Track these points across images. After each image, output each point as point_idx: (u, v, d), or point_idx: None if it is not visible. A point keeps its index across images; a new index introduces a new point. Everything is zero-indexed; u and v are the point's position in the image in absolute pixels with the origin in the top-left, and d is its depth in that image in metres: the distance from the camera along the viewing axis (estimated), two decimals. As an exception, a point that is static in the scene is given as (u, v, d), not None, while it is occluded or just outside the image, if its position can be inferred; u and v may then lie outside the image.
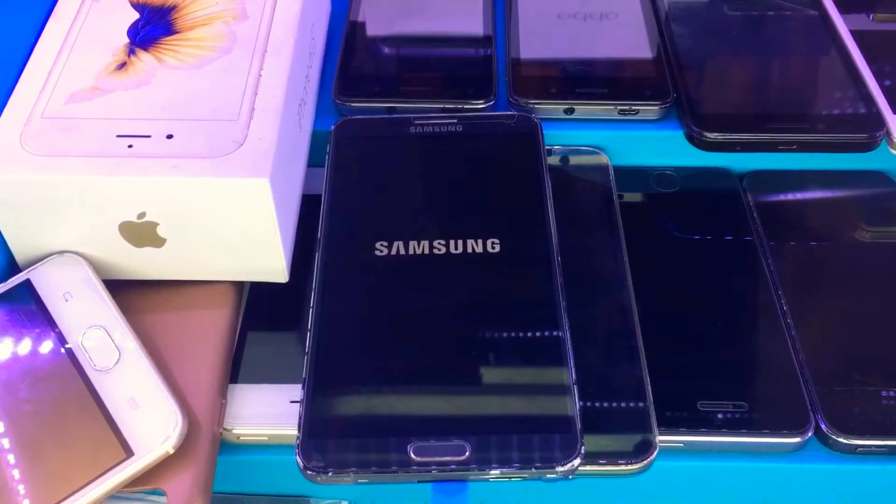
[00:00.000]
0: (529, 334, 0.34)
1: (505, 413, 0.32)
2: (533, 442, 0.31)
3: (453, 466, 0.31)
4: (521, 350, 0.34)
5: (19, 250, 0.35)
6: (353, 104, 0.44)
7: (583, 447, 0.31)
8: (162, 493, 0.31)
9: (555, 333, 0.34)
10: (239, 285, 0.38)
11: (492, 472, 0.31)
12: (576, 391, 0.32)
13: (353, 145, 0.41)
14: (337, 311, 0.35)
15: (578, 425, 0.31)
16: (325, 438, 0.31)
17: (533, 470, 0.31)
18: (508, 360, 0.33)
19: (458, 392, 0.33)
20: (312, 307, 0.35)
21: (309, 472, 0.31)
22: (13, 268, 0.36)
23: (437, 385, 0.33)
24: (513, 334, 0.34)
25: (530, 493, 0.37)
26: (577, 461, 0.31)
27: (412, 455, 0.31)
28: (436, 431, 0.31)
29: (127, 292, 0.37)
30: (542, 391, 0.33)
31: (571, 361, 0.33)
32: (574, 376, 0.33)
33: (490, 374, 0.33)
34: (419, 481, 0.31)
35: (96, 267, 0.36)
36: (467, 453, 0.31)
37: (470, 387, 0.33)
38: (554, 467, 0.31)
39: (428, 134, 0.41)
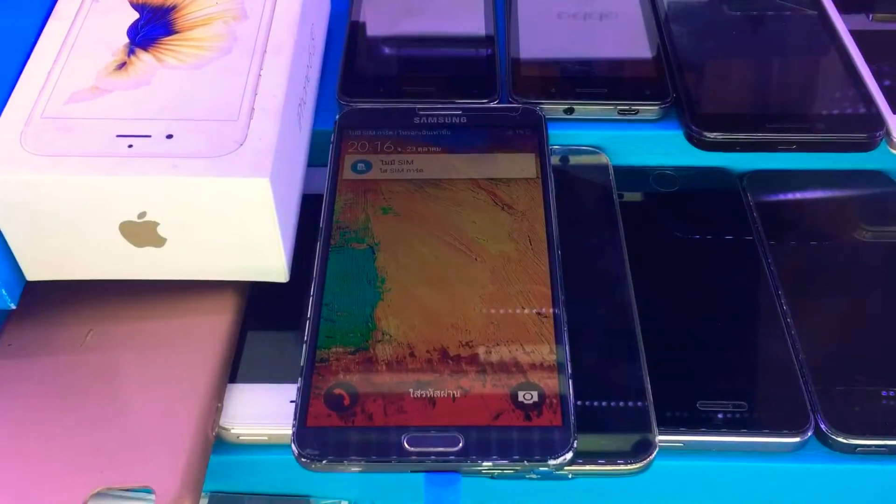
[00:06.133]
0: (525, 328, 0.34)
1: (499, 405, 0.32)
2: (526, 435, 0.31)
3: (446, 457, 0.31)
4: (517, 343, 0.34)
5: (20, 250, 0.35)
6: (356, 104, 0.44)
7: (576, 441, 0.31)
8: (151, 492, 0.31)
9: (552, 327, 0.34)
10: (241, 290, 0.38)
11: (484, 463, 0.31)
12: (571, 385, 0.32)
13: (357, 135, 0.41)
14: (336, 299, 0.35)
15: (572, 419, 0.32)
16: (319, 426, 0.32)
17: (525, 463, 0.31)
18: (504, 353, 0.34)
19: (453, 384, 0.33)
20: (312, 295, 0.35)
21: (303, 459, 0.31)
22: (13, 267, 0.36)
23: (432, 376, 0.33)
24: (510, 326, 0.34)
25: (530, 493, 0.37)
26: (569, 455, 0.31)
27: (406, 445, 0.31)
28: (430, 422, 0.31)
29: (127, 292, 0.37)
30: (536, 385, 0.33)
31: (567, 355, 0.33)
32: (570, 370, 0.33)
33: (486, 367, 0.33)
34: (412, 471, 0.31)
35: (97, 267, 0.36)
36: (461, 444, 0.31)
37: (464, 379, 0.33)
38: (546, 460, 0.31)
39: (431, 125, 0.41)
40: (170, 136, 0.34)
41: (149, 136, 0.34)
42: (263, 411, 0.35)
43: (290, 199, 0.37)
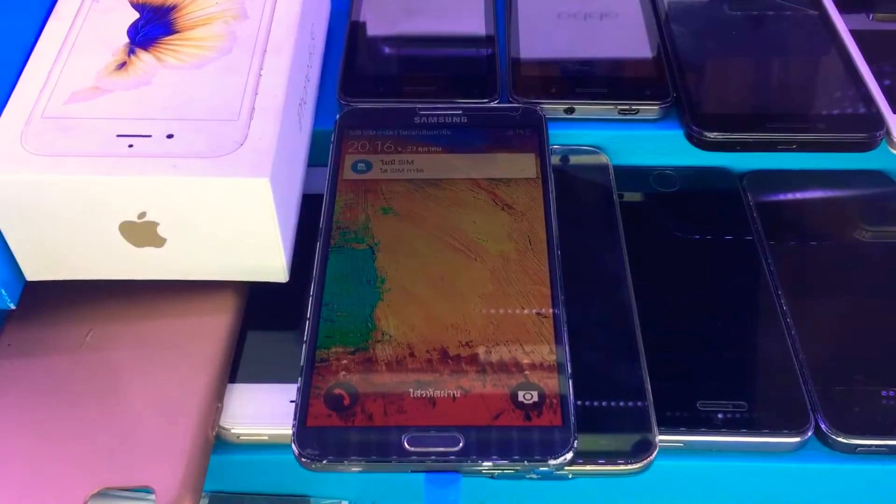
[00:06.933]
0: (525, 328, 0.34)
1: (499, 405, 0.32)
2: (526, 435, 0.31)
3: (446, 457, 0.31)
4: (517, 343, 0.34)
5: (20, 250, 0.35)
6: (356, 104, 0.44)
7: (576, 441, 0.31)
8: (151, 492, 0.31)
9: (552, 327, 0.34)
10: (241, 290, 0.38)
11: (484, 463, 0.31)
12: (571, 385, 0.32)
13: (357, 135, 0.41)
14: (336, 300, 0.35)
15: (572, 419, 0.32)
16: (319, 426, 0.32)
17: (526, 463, 0.31)
18: (504, 353, 0.34)
19: (453, 384, 0.33)
20: (312, 295, 0.35)
21: (303, 459, 0.31)
22: (13, 267, 0.36)
23: (432, 376, 0.33)
24: (510, 326, 0.34)
25: (530, 493, 0.37)
26: (569, 455, 0.31)
27: (406, 445, 0.31)
28: (430, 422, 0.32)
29: (127, 293, 0.37)
30: (536, 385, 0.33)
31: (567, 355, 0.33)
32: (570, 370, 0.33)
33: (486, 367, 0.33)
34: (412, 471, 0.31)
35: (97, 267, 0.36)
36: (461, 444, 0.31)
37: (464, 379, 0.33)
38: (546, 460, 0.31)
39: (431, 125, 0.41)
40: (170, 136, 0.34)
41: (149, 136, 0.34)
42: (263, 411, 0.35)
43: (290, 199, 0.37)
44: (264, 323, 0.39)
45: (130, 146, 0.34)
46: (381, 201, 0.39)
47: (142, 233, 0.35)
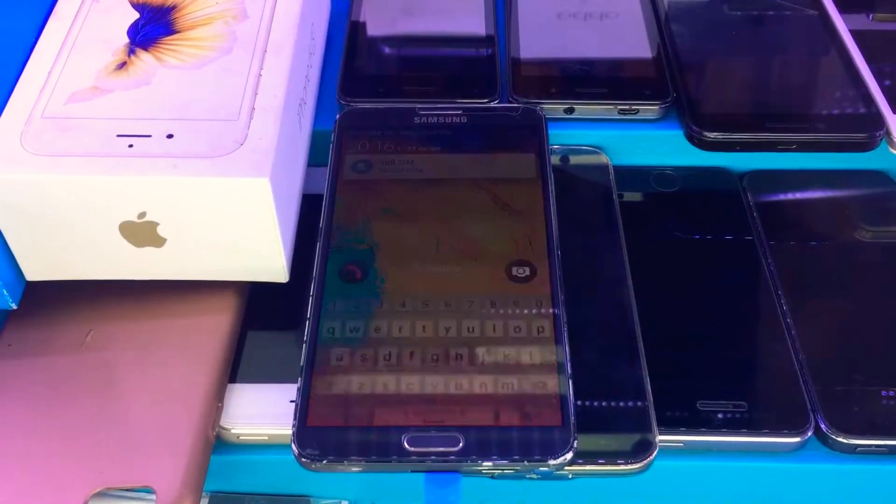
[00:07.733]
0: (526, 328, 0.34)
1: (499, 405, 0.32)
2: (526, 435, 0.31)
3: (446, 457, 0.31)
4: (517, 343, 0.34)
5: (20, 250, 0.35)
6: (356, 104, 0.44)
7: (576, 441, 0.31)
8: (151, 492, 0.31)
9: (552, 327, 0.34)
10: (241, 290, 0.38)
11: (484, 463, 0.31)
12: (571, 386, 0.32)
13: (357, 135, 0.41)
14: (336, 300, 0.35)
15: (572, 419, 0.32)
16: (320, 426, 0.32)
17: (525, 463, 0.31)
18: (503, 353, 0.34)
19: (454, 383, 0.33)
20: (312, 295, 0.35)
21: (303, 459, 0.31)
22: (14, 267, 0.36)
23: (432, 376, 0.33)
24: (509, 328, 0.34)
25: (530, 493, 0.37)
26: (569, 455, 0.31)
27: (406, 445, 0.31)
28: (430, 422, 0.32)
29: (127, 293, 0.37)
30: (536, 385, 0.33)
31: (567, 355, 0.33)
32: (570, 370, 0.33)
33: (485, 367, 0.33)
34: (413, 471, 0.31)
35: (97, 267, 0.36)
36: (461, 444, 0.31)
37: (465, 379, 0.33)
38: (546, 460, 0.31)
39: (431, 125, 0.41)
40: (170, 136, 0.34)
41: (149, 136, 0.34)
42: (263, 411, 0.35)
43: (290, 199, 0.37)
44: (264, 323, 0.39)
45: (130, 146, 0.34)
46: (381, 201, 0.39)
47: (142, 233, 0.35)
